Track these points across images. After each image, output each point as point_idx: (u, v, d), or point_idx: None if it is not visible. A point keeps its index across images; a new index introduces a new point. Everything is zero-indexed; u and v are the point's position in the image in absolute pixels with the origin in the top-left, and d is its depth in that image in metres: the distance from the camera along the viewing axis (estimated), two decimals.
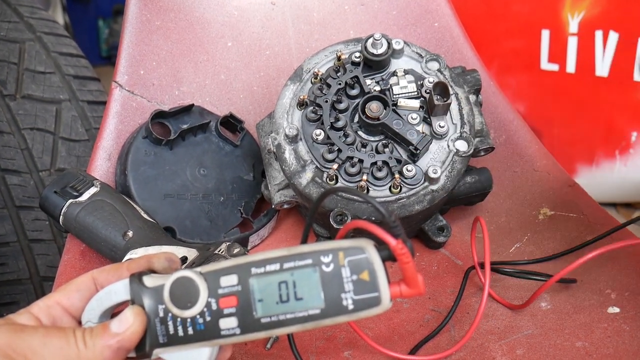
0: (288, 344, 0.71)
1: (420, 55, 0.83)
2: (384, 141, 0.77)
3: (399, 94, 0.79)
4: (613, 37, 1.45)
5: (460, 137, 0.77)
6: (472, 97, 0.82)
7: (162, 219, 0.83)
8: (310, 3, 1.04)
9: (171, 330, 0.49)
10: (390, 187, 0.76)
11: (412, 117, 0.77)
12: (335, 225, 0.73)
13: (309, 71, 0.83)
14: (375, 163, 0.76)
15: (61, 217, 0.79)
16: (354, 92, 0.80)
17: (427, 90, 0.78)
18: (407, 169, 0.75)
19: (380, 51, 0.79)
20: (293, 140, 0.78)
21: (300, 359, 0.66)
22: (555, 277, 0.67)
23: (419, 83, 0.80)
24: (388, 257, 0.46)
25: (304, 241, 0.54)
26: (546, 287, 0.69)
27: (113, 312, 0.53)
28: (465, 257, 0.84)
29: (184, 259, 0.74)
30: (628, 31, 1.39)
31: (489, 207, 0.93)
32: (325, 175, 0.76)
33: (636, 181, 1.60)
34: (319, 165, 0.77)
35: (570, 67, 1.50)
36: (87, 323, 0.51)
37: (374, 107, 0.77)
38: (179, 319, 0.49)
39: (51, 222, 1.14)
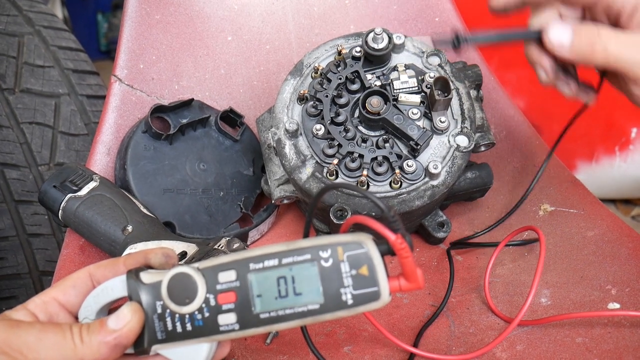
0: (288, 339, 0.71)
1: (421, 50, 0.82)
2: (384, 136, 0.77)
3: (399, 89, 0.78)
4: None
5: (461, 133, 0.77)
6: (473, 93, 0.82)
7: (162, 214, 0.83)
8: None
9: (169, 326, 0.49)
10: (390, 182, 0.75)
11: (412, 112, 0.77)
12: (335, 221, 0.73)
13: (309, 66, 0.83)
14: (375, 158, 0.76)
15: (60, 211, 0.79)
16: (355, 86, 0.79)
17: (428, 86, 0.78)
18: (407, 164, 0.75)
19: (381, 46, 0.79)
20: (293, 135, 0.78)
21: (316, 352, 0.66)
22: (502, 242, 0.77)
23: (419, 78, 0.79)
24: (387, 251, 0.46)
25: (306, 237, 0.54)
26: (493, 258, 0.78)
27: (110, 308, 0.53)
28: (465, 253, 0.84)
29: (183, 254, 0.74)
30: None
31: (489, 203, 0.93)
32: (325, 170, 0.76)
33: (636, 177, 1.60)
34: (319, 160, 0.77)
35: None
36: (84, 319, 0.51)
37: (375, 102, 0.77)
38: (177, 315, 0.48)
39: (50, 216, 1.14)
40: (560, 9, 0.64)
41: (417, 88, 0.79)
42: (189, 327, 0.48)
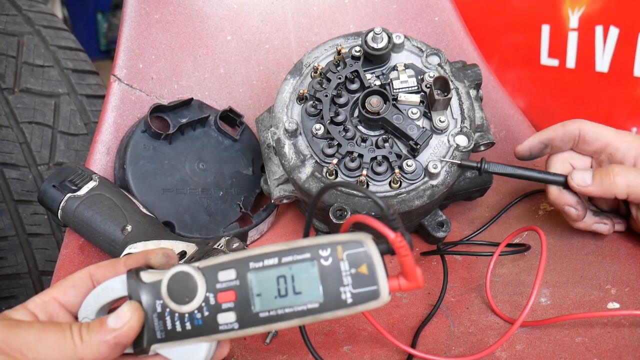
0: (287, 339, 0.71)
1: (421, 50, 0.82)
2: (384, 136, 0.77)
3: (399, 89, 0.78)
4: (613, 32, 1.44)
5: (461, 132, 0.77)
6: (473, 92, 0.82)
7: (161, 214, 0.83)
8: None
9: (169, 325, 0.49)
10: (390, 182, 0.75)
11: (412, 112, 0.77)
12: (335, 220, 0.73)
13: (309, 65, 0.83)
14: (375, 158, 0.75)
15: (60, 211, 0.79)
16: (354, 86, 0.79)
17: (428, 85, 0.78)
18: (407, 164, 0.75)
19: (380, 45, 0.79)
20: (292, 134, 0.78)
21: (314, 352, 0.66)
22: (498, 249, 0.77)
23: (419, 77, 0.79)
24: (387, 250, 0.46)
25: (306, 236, 0.54)
26: (494, 258, 0.77)
27: (110, 308, 0.53)
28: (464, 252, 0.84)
29: (183, 254, 0.74)
30: (628, 26, 1.39)
31: (489, 203, 0.93)
32: (324, 170, 0.76)
33: None
34: (318, 160, 0.77)
35: (571, 62, 1.49)
36: (84, 319, 0.51)
37: (374, 101, 0.77)
38: (176, 314, 0.48)
39: (50, 216, 1.14)
40: (573, 160, 0.76)
41: (416, 87, 0.79)
42: (188, 326, 0.48)
